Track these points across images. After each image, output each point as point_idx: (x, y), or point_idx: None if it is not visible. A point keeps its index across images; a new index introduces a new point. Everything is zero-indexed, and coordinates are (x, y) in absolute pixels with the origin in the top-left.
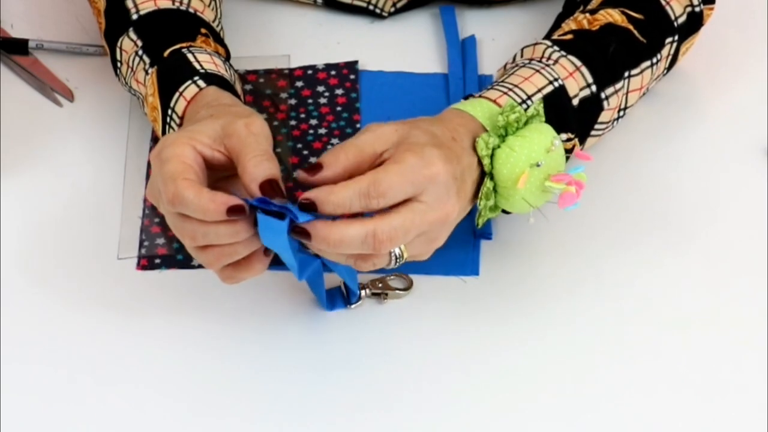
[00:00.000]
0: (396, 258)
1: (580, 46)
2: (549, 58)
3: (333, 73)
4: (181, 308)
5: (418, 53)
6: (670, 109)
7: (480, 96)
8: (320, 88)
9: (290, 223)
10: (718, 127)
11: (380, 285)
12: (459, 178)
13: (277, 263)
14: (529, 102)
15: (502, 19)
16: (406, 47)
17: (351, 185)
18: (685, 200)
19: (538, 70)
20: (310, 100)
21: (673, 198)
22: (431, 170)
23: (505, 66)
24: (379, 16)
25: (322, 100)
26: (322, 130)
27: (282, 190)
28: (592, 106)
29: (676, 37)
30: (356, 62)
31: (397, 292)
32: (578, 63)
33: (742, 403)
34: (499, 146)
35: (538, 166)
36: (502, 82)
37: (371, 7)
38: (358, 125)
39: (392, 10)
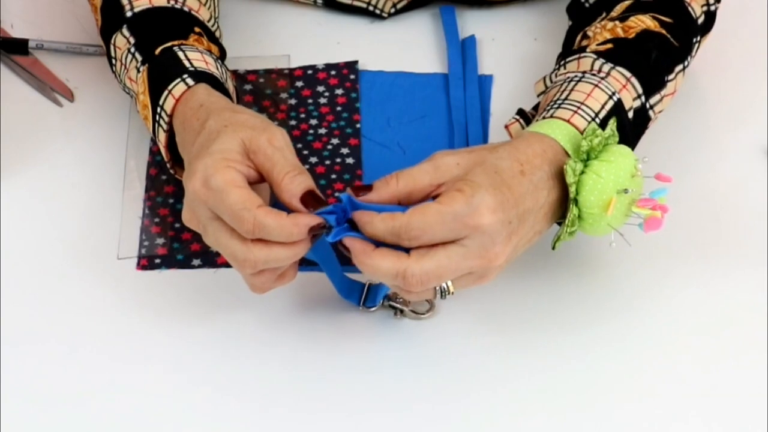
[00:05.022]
0: (442, 292)
1: (624, 55)
2: (600, 71)
3: (333, 73)
4: (182, 308)
5: (418, 53)
6: (670, 108)
7: (552, 116)
8: (320, 88)
9: (334, 236)
10: (718, 126)
11: (400, 301)
12: (514, 221)
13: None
14: (596, 120)
15: (502, 19)
16: (406, 47)
17: (387, 221)
18: (685, 200)
19: (596, 85)
20: (310, 100)
21: (672, 198)
22: (475, 220)
23: (543, 79)
24: (379, 17)
25: (322, 100)
26: (322, 130)
27: (321, 197)
28: (643, 116)
29: (699, 37)
30: (356, 62)
31: (416, 314)
32: (628, 74)
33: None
34: (583, 172)
35: (626, 192)
36: (566, 99)
37: (371, 8)
38: (358, 125)
39: (392, 11)
